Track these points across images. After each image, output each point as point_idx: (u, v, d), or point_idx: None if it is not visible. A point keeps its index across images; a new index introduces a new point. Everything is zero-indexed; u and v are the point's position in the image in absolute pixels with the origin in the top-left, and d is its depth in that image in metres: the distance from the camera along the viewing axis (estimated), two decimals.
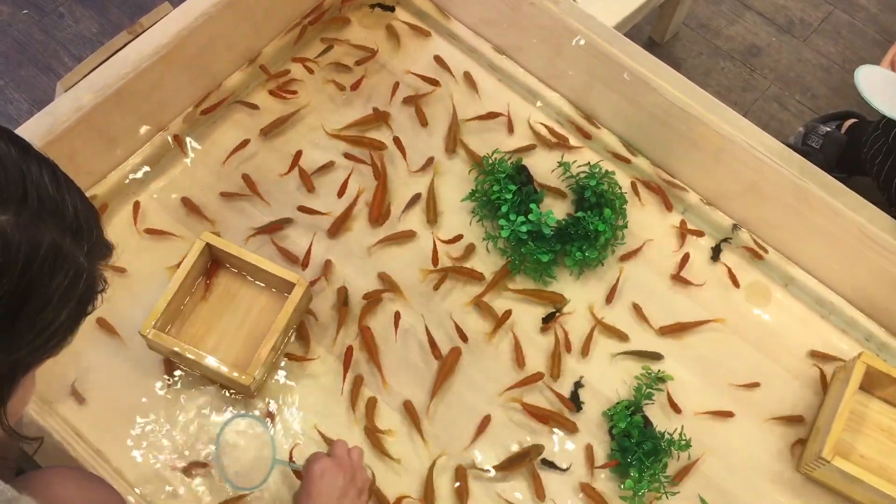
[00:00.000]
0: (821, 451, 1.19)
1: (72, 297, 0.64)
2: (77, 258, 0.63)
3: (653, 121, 1.42)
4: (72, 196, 0.65)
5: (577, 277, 1.39)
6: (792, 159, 1.32)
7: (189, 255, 1.23)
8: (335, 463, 1.00)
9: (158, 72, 1.32)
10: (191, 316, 1.26)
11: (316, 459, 1.01)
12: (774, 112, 1.88)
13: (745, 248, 1.43)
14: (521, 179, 1.41)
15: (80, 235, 0.64)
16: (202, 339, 1.25)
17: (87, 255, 0.65)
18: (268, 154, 1.43)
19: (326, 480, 0.98)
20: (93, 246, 0.66)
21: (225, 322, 1.27)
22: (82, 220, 0.65)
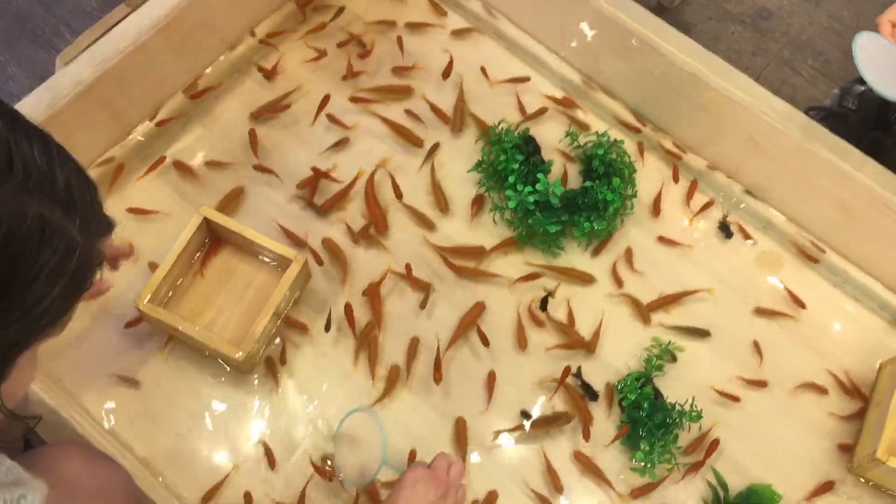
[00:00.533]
0: (874, 453, 1.16)
1: (63, 273, 0.61)
2: (68, 232, 0.61)
3: (662, 87, 1.40)
4: (65, 169, 0.62)
5: (586, 248, 1.38)
6: (802, 123, 1.30)
7: (187, 229, 1.21)
8: (431, 475, 0.98)
9: (158, 44, 1.30)
10: (188, 290, 1.26)
11: (413, 468, 0.99)
12: (786, 77, 1.84)
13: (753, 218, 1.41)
14: (528, 150, 1.39)
15: (73, 209, 0.62)
16: (199, 314, 1.24)
17: (82, 230, 0.63)
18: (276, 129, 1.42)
19: (418, 491, 0.96)
20: (88, 221, 0.64)
21: (222, 297, 1.26)
22: (75, 194, 0.62)
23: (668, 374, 1.29)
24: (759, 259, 1.39)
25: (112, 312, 1.24)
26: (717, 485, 1.22)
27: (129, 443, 1.17)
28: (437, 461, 1.01)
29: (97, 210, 0.66)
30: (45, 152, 0.60)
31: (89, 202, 0.64)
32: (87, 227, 0.63)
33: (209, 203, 1.31)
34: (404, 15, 1.54)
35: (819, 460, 1.25)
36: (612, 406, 1.26)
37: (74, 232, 0.61)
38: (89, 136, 1.30)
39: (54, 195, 0.60)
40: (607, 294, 1.34)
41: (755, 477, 1.23)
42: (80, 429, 1.06)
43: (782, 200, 1.40)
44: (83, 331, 1.23)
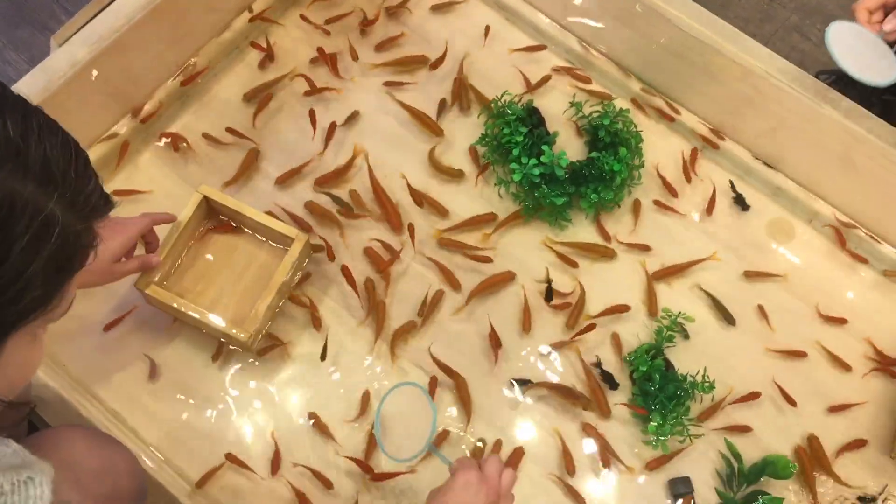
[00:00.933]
0: None
1: (40, 250, 0.58)
2: (43, 208, 0.58)
3: (668, 54, 1.37)
4: (43, 142, 0.59)
5: (594, 220, 1.35)
6: (812, 86, 1.27)
7: (186, 209, 1.20)
8: (482, 479, 0.94)
9: (154, 22, 1.28)
10: (188, 270, 1.24)
11: (465, 469, 0.95)
12: (796, 42, 1.80)
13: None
14: (532, 122, 1.36)
15: (51, 183, 0.59)
16: (201, 294, 1.23)
17: (65, 207, 0.60)
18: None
19: (469, 494, 0.92)
20: (74, 198, 0.61)
21: (224, 277, 1.25)
22: (54, 168, 0.59)
23: (679, 345, 1.27)
24: (769, 227, 1.37)
25: (116, 294, 1.23)
26: (731, 455, 1.20)
27: (135, 426, 1.16)
28: (490, 465, 0.97)
29: (84, 186, 0.63)
30: (21, 124, 0.58)
31: (73, 177, 0.61)
32: (71, 203, 0.60)
33: (208, 182, 1.29)
34: None
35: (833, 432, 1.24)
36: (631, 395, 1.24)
37: (52, 207, 0.59)
38: (87, 117, 1.29)
39: (27, 168, 0.57)
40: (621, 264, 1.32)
41: (769, 447, 1.22)
42: (84, 412, 1.06)
43: (794, 166, 1.37)
44: (87, 314, 1.22)
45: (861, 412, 1.25)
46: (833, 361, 1.28)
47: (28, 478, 0.62)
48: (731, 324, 1.29)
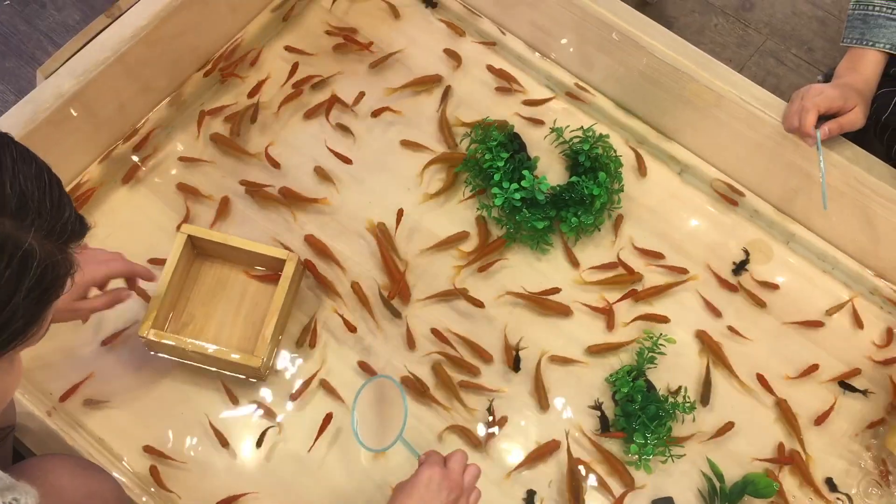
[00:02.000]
0: None
1: (20, 285, 0.59)
2: (19, 240, 0.59)
3: (645, 81, 1.40)
4: (18, 175, 0.60)
5: (574, 244, 1.37)
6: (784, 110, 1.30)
7: (173, 250, 1.20)
8: (446, 476, 0.96)
9: (139, 55, 1.30)
10: (185, 310, 1.25)
11: (429, 464, 0.96)
12: (771, 67, 1.84)
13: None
14: (513, 147, 1.39)
15: (28, 217, 0.60)
16: (201, 331, 1.24)
17: (44, 238, 0.61)
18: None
19: (432, 490, 0.93)
20: (51, 227, 0.62)
21: (221, 311, 1.26)
22: (30, 202, 0.60)
23: (660, 366, 1.29)
24: (749, 248, 1.39)
25: (103, 325, 1.24)
26: (713, 475, 1.21)
27: (120, 454, 1.16)
28: (454, 461, 0.98)
29: (61, 214, 0.64)
30: None
31: (49, 207, 0.62)
32: (48, 233, 0.62)
33: (193, 211, 1.31)
34: (396, 24, 1.54)
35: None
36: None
37: (31, 241, 0.60)
38: (72, 149, 1.30)
39: (3, 205, 0.59)
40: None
41: (751, 466, 1.23)
42: (69, 440, 1.06)
43: (769, 189, 1.39)
44: (70, 341, 1.22)
45: (838, 425, 1.27)
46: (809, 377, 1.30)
47: (13, 499, 0.63)
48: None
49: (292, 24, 1.52)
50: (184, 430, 1.19)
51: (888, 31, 1.26)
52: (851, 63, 1.29)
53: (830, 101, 1.20)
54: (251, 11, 1.48)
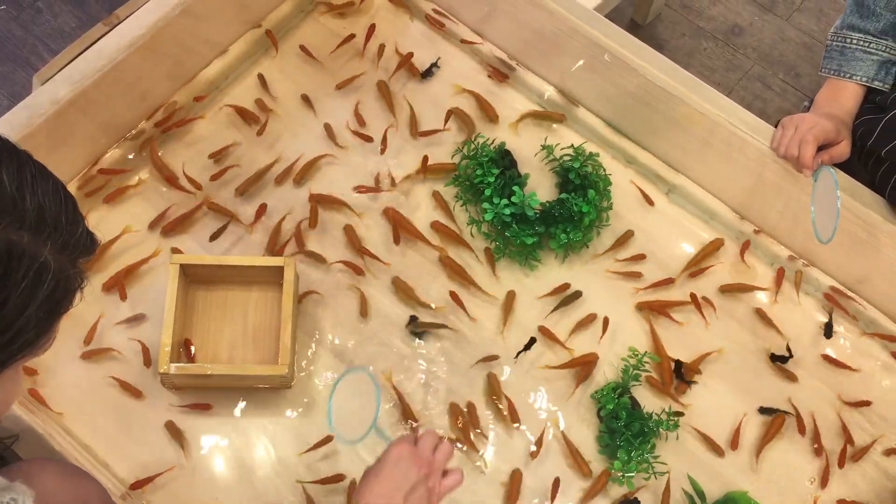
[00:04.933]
0: None
1: (37, 296, 0.61)
2: (39, 256, 0.60)
3: (635, 102, 1.42)
4: (37, 190, 0.62)
5: (563, 261, 1.39)
6: (770, 134, 1.32)
7: (169, 284, 1.19)
8: (414, 454, 0.95)
9: (136, 63, 1.31)
10: (194, 339, 1.25)
11: (398, 443, 0.96)
12: (758, 91, 1.88)
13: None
14: (504, 163, 1.41)
15: (45, 232, 0.61)
16: (215, 356, 1.24)
17: (57, 252, 0.62)
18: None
19: (401, 468, 0.93)
20: (65, 242, 0.63)
21: (229, 331, 1.26)
22: (48, 216, 0.62)
23: (645, 383, 1.30)
24: (731, 269, 1.41)
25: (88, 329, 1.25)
26: (694, 493, 1.23)
27: (106, 461, 1.17)
28: (424, 439, 0.98)
29: (75, 230, 0.65)
30: (17, 176, 0.60)
31: (65, 223, 0.64)
32: (63, 248, 0.63)
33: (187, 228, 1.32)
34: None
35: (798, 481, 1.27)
36: None
37: (47, 254, 0.61)
38: (67, 155, 1.31)
39: (23, 220, 0.60)
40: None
41: (732, 484, 1.24)
42: (56, 445, 1.06)
43: (758, 211, 1.41)
44: (60, 350, 1.23)
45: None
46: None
47: (11, 499, 0.63)
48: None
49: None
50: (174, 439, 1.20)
51: (864, 64, 1.29)
52: (833, 94, 1.32)
53: (826, 133, 1.23)
54: (248, 24, 1.50)
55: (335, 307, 1.31)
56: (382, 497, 0.91)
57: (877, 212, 1.27)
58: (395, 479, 0.92)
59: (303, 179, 1.40)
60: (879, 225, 1.27)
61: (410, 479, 0.93)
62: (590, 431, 1.27)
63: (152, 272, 1.30)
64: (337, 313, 1.31)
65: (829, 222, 1.18)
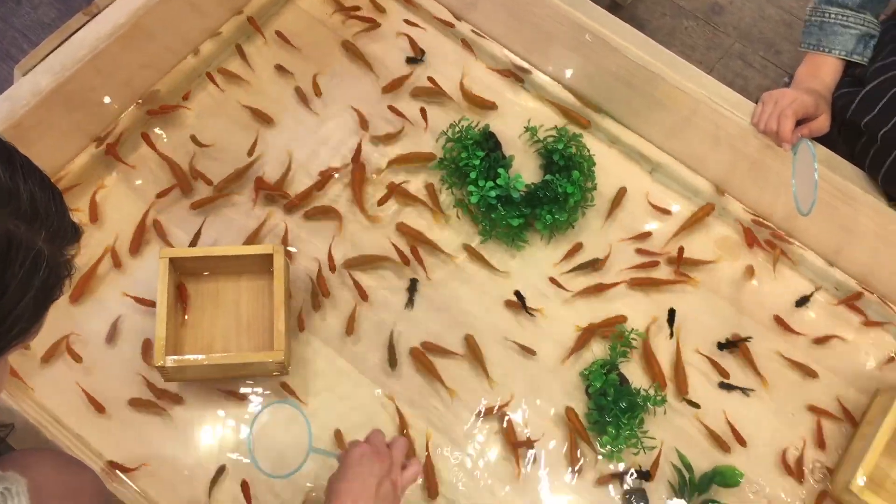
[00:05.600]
0: (849, 482, 1.18)
1: (31, 285, 0.62)
2: (34, 245, 0.62)
3: (618, 82, 1.43)
4: (29, 181, 0.63)
5: (549, 242, 1.40)
6: (751, 111, 1.34)
7: (160, 279, 1.19)
8: (374, 451, 0.99)
9: (117, 52, 1.30)
10: (188, 334, 1.25)
11: (355, 445, 1.00)
12: (739, 69, 1.89)
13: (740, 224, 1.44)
14: (488, 146, 1.41)
15: (38, 222, 0.63)
16: (210, 347, 1.24)
17: (49, 241, 0.64)
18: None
19: (364, 466, 0.97)
20: (55, 231, 0.65)
21: (221, 322, 1.26)
22: (39, 206, 0.63)
23: (632, 360, 1.32)
24: (718, 244, 1.42)
25: (85, 319, 1.25)
26: (683, 466, 1.25)
27: (100, 450, 1.17)
28: (374, 437, 1.02)
29: (63, 220, 0.66)
30: (8, 167, 0.61)
31: (55, 213, 0.65)
32: (53, 237, 0.64)
33: (169, 211, 1.32)
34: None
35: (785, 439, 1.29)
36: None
37: (41, 244, 0.62)
38: (50, 147, 1.30)
39: (18, 210, 0.61)
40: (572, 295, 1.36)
41: (719, 459, 1.26)
42: (49, 435, 1.06)
43: (739, 187, 1.43)
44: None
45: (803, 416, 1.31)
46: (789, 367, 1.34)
47: (5, 489, 0.64)
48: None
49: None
50: (166, 428, 1.20)
51: (843, 38, 1.31)
52: (812, 69, 1.33)
53: (805, 107, 1.24)
54: (229, 12, 1.49)
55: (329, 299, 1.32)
56: (355, 496, 0.94)
57: (856, 184, 1.29)
58: (362, 477, 0.95)
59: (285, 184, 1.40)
60: (859, 197, 1.29)
61: (376, 475, 0.96)
62: (579, 409, 1.28)
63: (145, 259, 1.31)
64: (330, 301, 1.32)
65: (809, 195, 1.19)
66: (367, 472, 0.96)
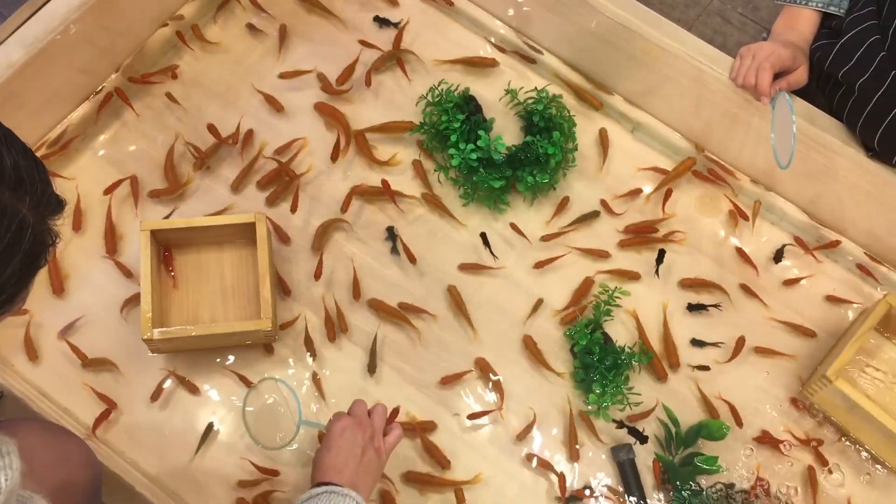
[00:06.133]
0: (825, 372, 1.21)
1: (16, 252, 0.63)
2: (19, 212, 0.63)
3: (596, 41, 1.42)
4: (11, 150, 0.64)
5: (531, 203, 1.40)
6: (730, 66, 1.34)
7: (142, 251, 1.18)
8: (355, 422, 1.02)
9: (90, 22, 1.28)
10: (173, 305, 1.25)
11: (337, 418, 1.03)
12: (718, 26, 1.88)
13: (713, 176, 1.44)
14: (469, 109, 1.41)
15: (22, 189, 0.64)
16: (196, 319, 1.24)
17: (34, 209, 0.65)
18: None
19: (347, 438, 1.00)
20: (39, 199, 0.66)
21: (207, 293, 1.26)
22: (24, 174, 0.64)
23: (616, 318, 1.33)
24: (699, 203, 1.43)
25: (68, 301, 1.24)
26: (669, 421, 1.26)
27: (88, 423, 1.17)
28: (356, 407, 1.05)
29: (46, 189, 0.67)
30: None
31: (38, 181, 0.66)
32: (37, 206, 0.65)
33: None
34: None
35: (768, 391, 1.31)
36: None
37: (25, 212, 0.63)
38: (27, 120, 1.29)
39: (3, 177, 0.62)
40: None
41: (705, 413, 1.28)
42: (35, 408, 1.07)
43: (718, 143, 1.43)
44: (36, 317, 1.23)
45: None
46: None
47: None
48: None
49: None
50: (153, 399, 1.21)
51: None
52: (789, 21, 1.33)
53: (783, 60, 1.24)
54: None
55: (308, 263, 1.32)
56: (339, 468, 0.98)
57: (835, 136, 1.30)
58: (345, 448, 0.99)
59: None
60: (837, 149, 1.30)
61: (359, 444, 1.00)
62: (564, 369, 1.29)
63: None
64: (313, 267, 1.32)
65: (788, 148, 1.19)
66: (349, 442, 1.00)
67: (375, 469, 1.02)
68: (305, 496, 0.94)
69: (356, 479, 0.98)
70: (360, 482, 0.98)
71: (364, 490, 0.98)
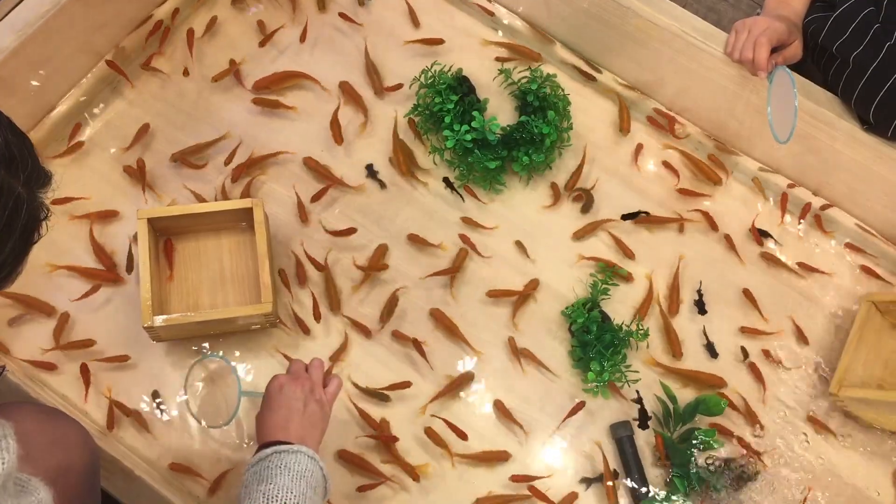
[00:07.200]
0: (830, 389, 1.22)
1: (14, 228, 0.64)
2: (14, 189, 0.64)
3: (589, 18, 1.41)
4: (2, 128, 0.65)
5: (527, 183, 1.40)
6: (724, 41, 1.33)
7: (140, 240, 1.17)
8: (292, 378, 1.02)
9: (80, 8, 1.27)
10: (173, 293, 1.24)
11: (273, 379, 1.03)
12: (712, 3, 1.87)
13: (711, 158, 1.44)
14: (462, 90, 1.40)
15: (15, 165, 0.65)
16: (196, 305, 1.24)
17: (26, 185, 0.66)
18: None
19: (285, 394, 1.00)
20: (30, 175, 0.67)
21: (207, 279, 1.25)
22: (15, 151, 0.65)
23: (613, 297, 1.33)
24: (692, 181, 1.43)
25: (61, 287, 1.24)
26: (667, 397, 1.26)
27: (86, 409, 1.17)
28: (294, 365, 1.05)
29: (36, 164, 0.69)
30: None
31: (28, 157, 0.67)
32: (28, 181, 0.66)
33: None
34: None
35: None
36: None
37: (20, 188, 0.65)
38: (18, 107, 1.28)
39: None
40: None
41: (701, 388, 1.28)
42: (33, 394, 1.06)
43: (706, 119, 1.43)
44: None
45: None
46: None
47: None
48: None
49: None
50: (150, 383, 1.21)
51: None
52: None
53: (779, 34, 1.23)
54: None
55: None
56: (283, 424, 0.97)
57: (831, 110, 1.29)
58: (284, 405, 0.99)
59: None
60: (834, 123, 1.29)
61: (299, 398, 1.00)
62: (562, 347, 1.29)
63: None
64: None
65: (787, 123, 1.19)
66: (289, 398, 0.99)
67: (320, 420, 1.00)
68: (255, 460, 0.92)
69: (303, 433, 0.97)
70: (307, 435, 0.97)
71: (312, 442, 0.97)
